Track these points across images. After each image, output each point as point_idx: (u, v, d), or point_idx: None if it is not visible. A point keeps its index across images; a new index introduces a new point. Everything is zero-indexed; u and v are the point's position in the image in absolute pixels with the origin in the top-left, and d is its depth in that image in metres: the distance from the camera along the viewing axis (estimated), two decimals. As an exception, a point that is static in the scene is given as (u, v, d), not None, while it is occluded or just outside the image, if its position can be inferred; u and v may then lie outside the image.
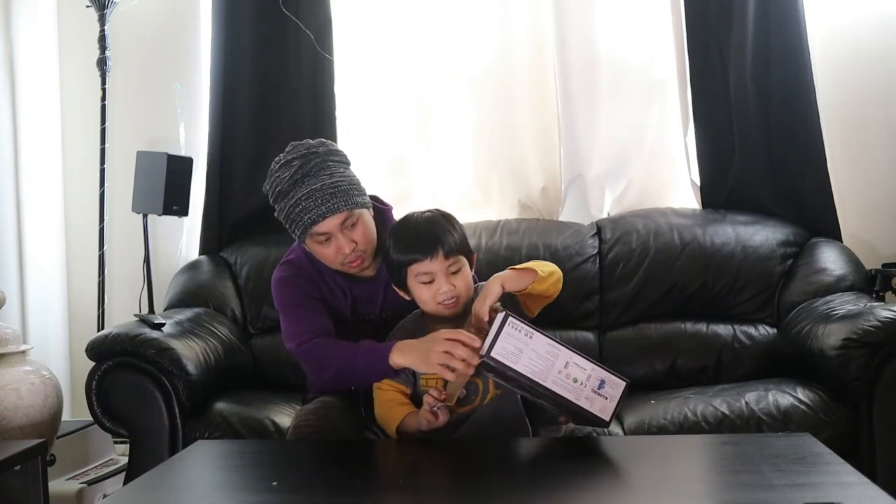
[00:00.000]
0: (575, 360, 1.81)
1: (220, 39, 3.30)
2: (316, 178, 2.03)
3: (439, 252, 1.92)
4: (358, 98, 3.41)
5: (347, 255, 2.04)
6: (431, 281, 1.94)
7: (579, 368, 1.81)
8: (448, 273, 1.94)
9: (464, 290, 1.96)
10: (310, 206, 2.01)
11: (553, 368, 1.79)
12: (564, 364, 1.80)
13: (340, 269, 2.10)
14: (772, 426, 2.37)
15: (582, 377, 1.80)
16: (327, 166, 2.06)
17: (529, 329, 1.80)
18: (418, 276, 1.94)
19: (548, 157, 3.31)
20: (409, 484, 1.65)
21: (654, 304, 3.00)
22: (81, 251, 3.50)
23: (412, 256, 1.94)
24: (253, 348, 3.05)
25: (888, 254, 3.14)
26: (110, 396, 2.55)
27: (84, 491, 2.82)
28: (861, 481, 1.55)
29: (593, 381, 1.81)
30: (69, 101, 3.54)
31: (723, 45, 3.14)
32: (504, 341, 1.78)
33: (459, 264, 1.96)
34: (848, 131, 3.20)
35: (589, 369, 1.81)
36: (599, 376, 1.81)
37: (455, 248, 1.94)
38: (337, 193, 2.03)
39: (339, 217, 2.03)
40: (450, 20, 3.36)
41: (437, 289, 1.93)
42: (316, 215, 2.01)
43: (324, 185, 2.02)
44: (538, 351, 1.79)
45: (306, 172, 2.03)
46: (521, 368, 1.78)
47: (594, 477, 1.63)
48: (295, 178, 2.03)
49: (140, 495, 1.70)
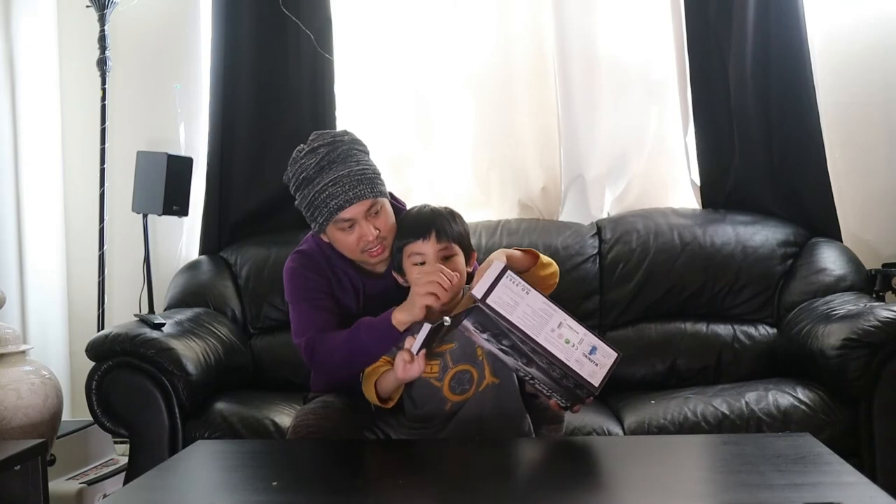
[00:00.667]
0: (569, 323, 1.82)
1: (220, 39, 3.31)
2: (343, 165, 2.05)
3: (432, 235, 1.99)
4: (358, 98, 3.41)
5: (370, 243, 2.05)
6: (423, 263, 2.00)
7: (572, 331, 1.82)
8: (439, 257, 2.00)
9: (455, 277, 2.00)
10: (337, 191, 2.03)
11: (546, 326, 1.80)
12: (558, 324, 1.81)
13: (359, 258, 2.10)
14: (772, 426, 2.38)
15: (574, 339, 1.81)
16: (353, 154, 2.08)
17: (526, 285, 1.82)
18: (411, 256, 2.01)
19: (548, 157, 3.31)
20: (409, 484, 1.65)
21: (654, 304, 3.00)
22: (81, 251, 3.50)
23: (406, 238, 2.02)
24: (253, 348, 3.05)
25: (888, 254, 3.14)
26: (110, 396, 2.55)
27: (84, 491, 2.82)
28: (861, 481, 1.55)
29: (585, 345, 1.82)
30: (69, 101, 3.54)
31: (723, 45, 3.15)
32: (501, 291, 1.79)
33: (452, 251, 2.02)
34: (848, 131, 3.20)
35: (582, 333, 1.82)
36: (592, 342, 1.82)
37: (448, 235, 2.01)
38: (363, 180, 2.05)
39: (365, 204, 2.04)
40: (450, 20, 3.37)
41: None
42: (343, 201, 2.03)
43: (351, 171, 2.04)
44: (533, 307, 1.81)
45: (333, 159, 2.05)
46: (514, 320, 1.79)
47: (594, 477, 1.64)
48: (321, 164, 2.04)
49: (140, 495, 1.70)
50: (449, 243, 2.01)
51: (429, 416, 2.01)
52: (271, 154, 3.33)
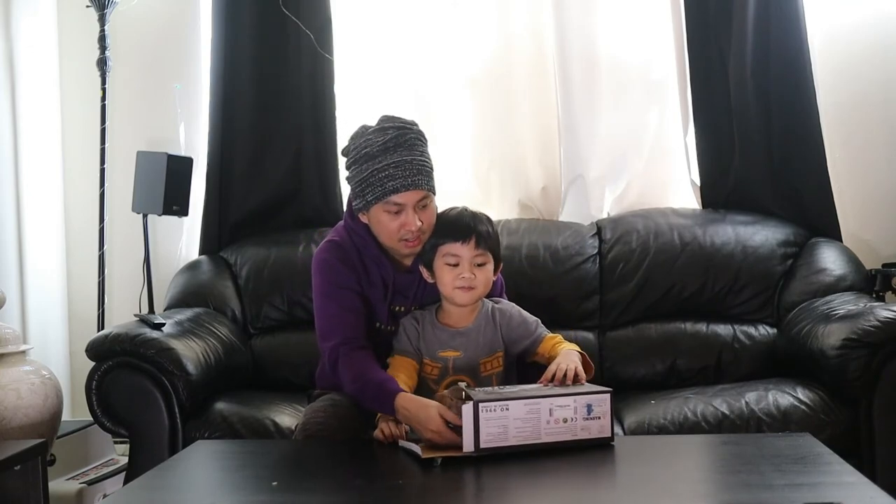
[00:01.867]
0: (557, 403, 1.82)
1: (220, 39, 3.30)
2: (408, 151, 2.06)
3: (472, 240, 2.03)
4: (358, 98, 3.41)
5: (411, 232, 2.06)
6: (457, 264, 2.03)
7: (563, 408, 1.82)
8: (473, 262, 2.03)
9: (482, 284, 2.05)
10: (397, 174, 2.03)
11: (541, 423, 1.80)
12: (549, 412, 1.81)
13: (394, 245, 2.10)
14: (772, 426, 2.38)
15: (569, 414, 1.82)
16: (419, 144, 2.10)
17: (502, 402, 1.79)
18: (446, 256, 2.04)
19: (548, 157, 3.31)
20: (409, 484, 1.65)
21: (654, 305, 3.00)
22: (81, 251, 3.50)
23: (447, 238, 2.05)
24: (253, 348, 3.05)
25: (888, 254, 3.14)
26: (110, 396, 2.55)
27: (84, 491, 2.82)
28: (861, 481, 1.55)
29: (581, 411, 1.83)
30: (69, 101, 3.54)
31: (723, 45, 3.14)
32: (485, 428, 1.76)
33: (485, 259, 2.06)
34: (848, 131, 3.20)
35: (572, 403, 1.82)
36: (584, 403, 1.83)
37: (486, 243, 2.05)
38: (424, 171, 2.07)
39: (418, 193, 2.05)
40: (450, 20, 3.36)
41: (460, 273, 2.02)
42: (400, 185, 2.03)
43: (414, 159, 2.06)
44: (520, 417, 1.79)
45: (400, 143, 2.06)
46: (512, 442, 1.78)
47: (594, 477, 1.64)
48: (388, 145, 2.05)
49: (140, 495, 1.70)
50: (485, 251, 2.05)
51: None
52: (271, 154, 3.33)
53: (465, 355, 2.04)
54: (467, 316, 2.08)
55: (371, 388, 2.00)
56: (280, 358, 3.01)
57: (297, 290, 3.04)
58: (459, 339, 2.06)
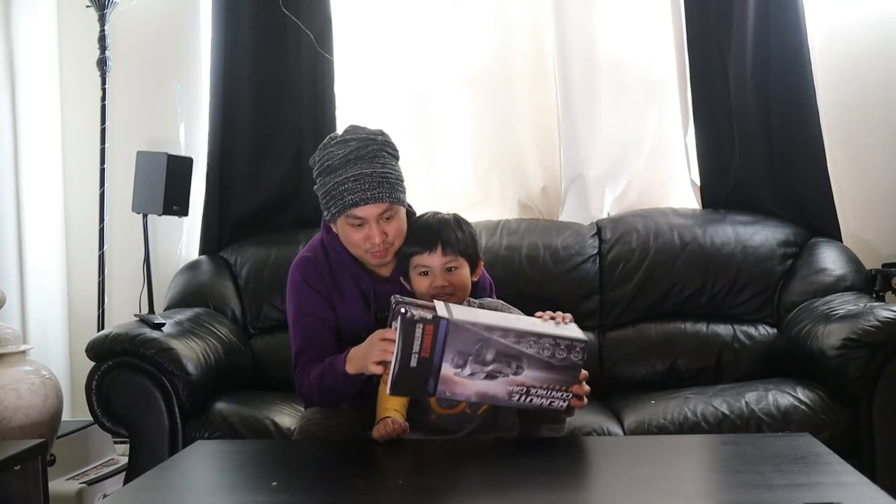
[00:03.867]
0: (527, 319, 1.85)
1: (220, 39, 3.30)
2: (369, 164, 2.05)
3: (438, 248, 2.01)
4: (358, 98, 3.41)
5: (375, 245, 2.05)
6: (428, 273, 2.02)
7: (535, 322, 1.84)
8: (444, 269, 2.01)
9: (458, 288, 2.02)
10: (355, 188, 2.03)
11: (513, 318, 1.83)
12: (518, 318, 1.85)
13: (363, 257, 2.10)
14: (772, 426, 2.38)
15: (540, 323, 1.84)
16: (382, 155, 2.08)
17: (471, 309, 1.85)
18: (416, 267, 2.03)
19: (548, 157, 3.31)
20: (409, 484, 1.65)
21: (654, 304, 3.00)
22: (81, 251, 3.50)
23: (414, 248, 2.04)
24: (253, 348, 3.05)
25: (888, 254, 3.14)
26: (110, 396, 2.55)
27: (84, 491, 2.82)
28: (861, 481, 1.55)
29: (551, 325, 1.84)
30: (69, 101, 3.54)
31: (723, 45, 3.15)
32: (457, 311, 1.78)
33: (457, 264, 2.03)
34: (848, 131, 3.20)
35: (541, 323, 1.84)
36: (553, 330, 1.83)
37: (455, 248, 2.02)
38: (384, 184, 2.05)
39: (380, 207, 2.04)
40: (450, 20, 3.36)
41: (432, 282, 2.00)
42: (359, 198, 2.03)
43: (375, 171, 2.04)
44: (491, 315, 1.83)
45: (361, 155, 2.05)
46: (486, 321, 1.77)
47: (594, 477, 1.64)
48: (348, 157, 2.05)
49: (140, 495, 1.70)
50: (455, 256, 2.02)
51: (411, 419, 2.00)
52: (271, 154, 3.33)
53: None
54: None
55: (327, 370, 2.02)
56: (280, 358, 3.00)
57: (297, 290, 3.04)
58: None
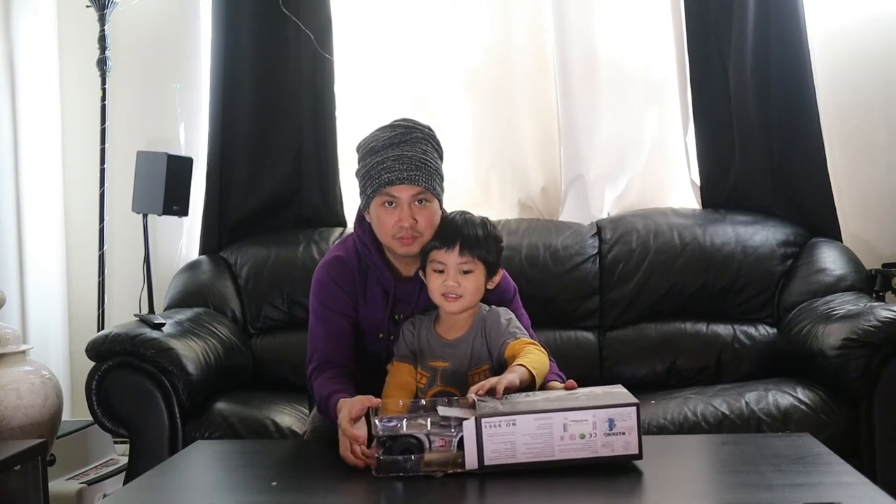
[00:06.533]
0: (572, 417, 1.63)
1: (220, 39, 3.30)
2: (411, 148, 2.05)
3: (456, 247, 1.98)
4: (358, 98, 3.41)
5: (404, 230, 2.03)
6: (443, 271, 1.99)
7: (580, 423, 1.63)
8: (458, 270, 1.98)
9: (469, 292, 1.98)
10: (393, 167, 2.02)
11: (554, 439, 1.63)
12: (563, 427, 1.63)
13: (392, 244, 2.08)
14: (772, 426, 2.38)
15: (587, 430, 1.63)
16: (425, 143, 2.09)
17: (508, 417, 1.63)
18: (433, 262, 2.01)
19: (548, 157, 3.31)
20: (409, 486, 1.64)
21: (654, 304, 3.00)
22: (81, 251, 3.50)
23: (434, 243, 2.02)
24: (253, 348, 3.05)
25: (888, 254, 3.14)
26: (110, 396, 2.55)
27: (84, 491, 2.82)
28: (861, 481, 1.55)
29: (601, 425, 1.63)
30: (69, 101, 3.54)
31: (723, 45, 3.15)
32: (490, 445, 1.63)
33: (473, 266, 1.99)
34: (848, 131, 3.20)
35: (590, 417, 1.63)
36: (605, 417, 1.63)
37: (473, 250, 1.99)
38: (422, 168, 2.05)
39: (414, 189, 2.03)
40: (450, 20, 3.37)
41: (444, 280, 1.98)
42: (395, 177, 2.02)
43: (415, 155, 2.04)
44: (529, 432, 1.63)
45: (404, 140, 2.05)
46: (521, 459, 1.63)
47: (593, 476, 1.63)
48: (393, 140, 2.05)
49: (140, 495, 1.70)
50: (471, 258, 1.98)
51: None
52: (271, 154, 3.33)
53: (452, 366, 2.00)
54: (461, 325, 2.03)
55: (323, 401, 1.98)
56: (280, 358, 3.01)
57: (297, 290, 3.04)
58: (449, 349, 2.02)
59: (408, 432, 1.66)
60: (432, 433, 1.66)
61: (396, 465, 1.65)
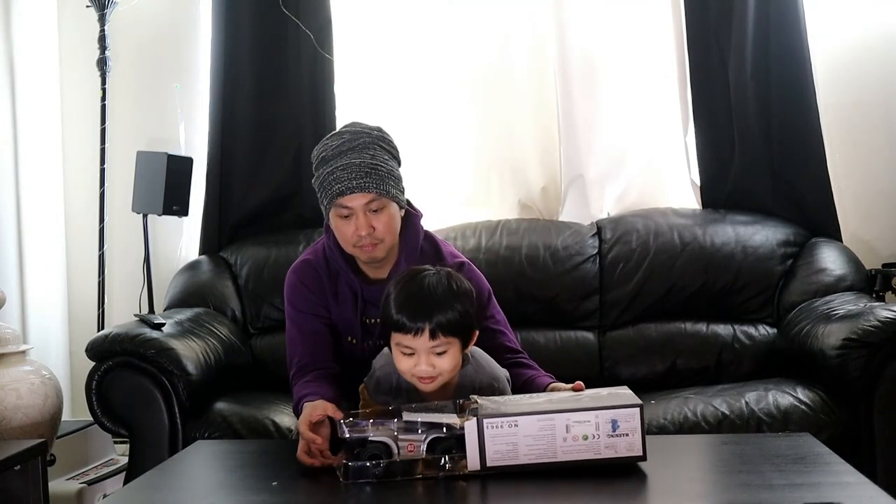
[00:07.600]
0: (575, 418, 1.62)
1: (220, 39, 3.30)
2: (358, 155, 2.03)
3: (425, 331, 1.76)
4: (358, 98, 3.41)
5: (363, 238, 2.03)
6: (412, 354, 1.79)
7: (583, 423, 1.63)
8: (431, 352, 1.78)
9: (447, 370, 1.80)
10: (342, 177, 2.01)
11: (557, 440, 1.62)
12: (566, 428, 1.62)
13: (353, 252, 2.09)
14: (772, 426, 2.38)
15: (590, 431, 1.63)
16: (373, 148, 2.06)
17: (510, 418, 1.62)
18: (399, 345, 1.80)
19: (548, 157, 3.31)
20: (409, 485, 1.64)
21: (654, 304, 3.00)
22: (81, 251, 3.50)
23: (398, 323, 1.78)
24: (253, 348, 3.05)
25: (888, 254, 3.14)
26: (110, 396, 2.55)
27: (84, 491, 2.82)
28: (861, 481, 1.55)
29: (604, 427, 1.63)
30: (69, 101, 3.54)
31: (723, 45, 3.15)
32: (492, 446, 1.62)
33: (447, 346, 1.78)
34: (848, 131, 3.20)
35: (593, 418, 1.63)
36: (608, 419, 1.63)
37: (446, 329, 1.77)
38: (372, 174, 2.02)
39: (365, 196, 2.02)
40: (450, 20, 3.36)
41: (416, 364, 1.79)
42: (345, 188, 2.01)
43: (363, 162, 2.02)
44: (532, 433, 1.62)
45: (352, 147, 2.04)
46: (524, 461, 1.63)
47: (593, 476, 1.63)
48: (341, 149, 2.04)
49: (140, 495, 1.70)
50: (446, 339, 1.77)
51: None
52: (271, 154, 3.33)
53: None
54: (441, 391, 1.83)
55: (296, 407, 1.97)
56: (280, 358, 2.96)
57: (297, 290, 3.04)
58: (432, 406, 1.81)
59: (375, 438, 1.66)
60: (400, 438, 1.66)
61: (364, 472, 1.64)
